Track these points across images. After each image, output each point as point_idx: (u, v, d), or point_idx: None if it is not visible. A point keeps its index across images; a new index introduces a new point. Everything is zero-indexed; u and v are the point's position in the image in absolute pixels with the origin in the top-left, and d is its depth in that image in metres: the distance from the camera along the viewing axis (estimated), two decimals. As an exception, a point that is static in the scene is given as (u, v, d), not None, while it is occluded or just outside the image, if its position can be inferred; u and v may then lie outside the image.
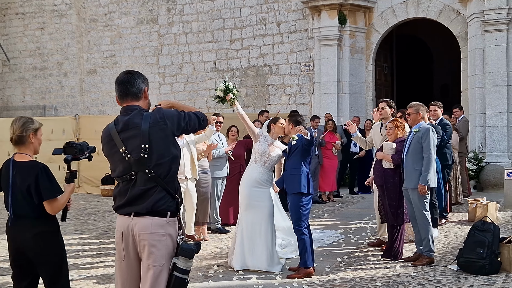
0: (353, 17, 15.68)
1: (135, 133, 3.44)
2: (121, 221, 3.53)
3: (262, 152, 6.67)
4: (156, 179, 3.42)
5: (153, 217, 3.42)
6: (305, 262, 6.24)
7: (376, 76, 16.26)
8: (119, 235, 3.52)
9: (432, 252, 6.76)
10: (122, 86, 3.58)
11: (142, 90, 3.60)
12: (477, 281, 5.92)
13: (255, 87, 17.19)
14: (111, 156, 3.56)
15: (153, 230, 3.41)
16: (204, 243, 8.26)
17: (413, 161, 6.78)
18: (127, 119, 3.49)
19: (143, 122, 3.44)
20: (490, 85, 13.47)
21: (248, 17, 17.23)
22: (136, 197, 3.44)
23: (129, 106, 3.56)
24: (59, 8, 20.55)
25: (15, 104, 21.41)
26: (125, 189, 3.49)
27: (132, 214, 3.46)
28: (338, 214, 10.62)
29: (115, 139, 3.49)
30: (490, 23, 13.41)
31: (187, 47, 18.24)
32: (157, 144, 3.43)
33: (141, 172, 3.43)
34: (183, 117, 3.55)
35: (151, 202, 3.41)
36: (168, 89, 18.59)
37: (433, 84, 23.12)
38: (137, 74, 3.63)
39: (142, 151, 3.41)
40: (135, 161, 3.43)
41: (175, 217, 3.50)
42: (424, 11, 15.09)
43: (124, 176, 3.47)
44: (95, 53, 19.84)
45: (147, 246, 3.40)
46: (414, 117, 6.99)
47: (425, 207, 6.75)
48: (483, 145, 13.64)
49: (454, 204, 10.59)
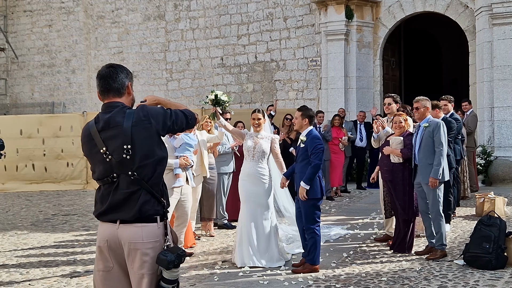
0: (360, 12, 15.62)
1: (117, 133, 3.19)
2: (106, 229, 3.26)
3: (248, 148, 6.84)
4: (140, 182, 3.18)
5: (143, 223, 3.19)
6: (312, 259, 6.23)
7: (383, 71, 16.20)
8: (104, 244, 3.24)
9: (444, 245, 6.78)
10: (103, 81, 3.32)
11: (125, 85, 3.35)
12: (483, 276, 5.90)
13: (262, 82, 17.18)
14: (91, 157, 3.31)
15: (145, 238, 3.18)
16: (211, 238, 8.29)
17: (425, 156, 6.76)
18: (108, 117, 3.24)
19: (125, 120, 3.19)
20: (499, 79, 13.38)
21: (255, 12, 17.21)
22: (119, 202, 3.19)
23: (110, 103, 3.31)
24: (66, 5, 20.62)
25: (23, 101, 21.53)
26: (107, 193, 3.24)
27: (117, 221, 3.21)
28: (346, 209, 10.61)
29: (95, 138, 3.24)
30: (498, 17, 13.31)
31: (194, 43, 18.25)
32: (140, 145, 3.19)
33: (123, 175, 3.19)
34: (169, 116, 3.31)
35: (137, 207, 3.17)
36: (175, 85, 18.62)
37: (442, 79, 22.99)
38: (120, 68, 3.37)
39: (124, 152, 3.16)
40: (116, 162, 3.18)
41: (163, 221, 3.27)
42: (432, 5, 15.00)
43: (106, 178, 3.22)
44: (103, 50, 19.90)
45: (140, 255, 3.17)
46: (422, 112, 6.96)
47: (440, 201, 6.74)
48: (491, 139, 13.56)
49: (462, 198, 10.54)
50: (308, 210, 6.23)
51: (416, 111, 7.02)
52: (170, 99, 3.85)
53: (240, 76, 17.55)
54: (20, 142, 14.70)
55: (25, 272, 6.51)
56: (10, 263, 6.99)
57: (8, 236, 8.75)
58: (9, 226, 9.63)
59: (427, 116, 6.95)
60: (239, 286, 5.83)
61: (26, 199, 13.05)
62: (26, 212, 11.16)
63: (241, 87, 17.50)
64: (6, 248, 7.88)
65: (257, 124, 6.92)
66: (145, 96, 3.55)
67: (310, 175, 6.14)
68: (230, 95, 7.38)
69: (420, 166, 6.85)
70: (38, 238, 8.55)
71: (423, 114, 6.96)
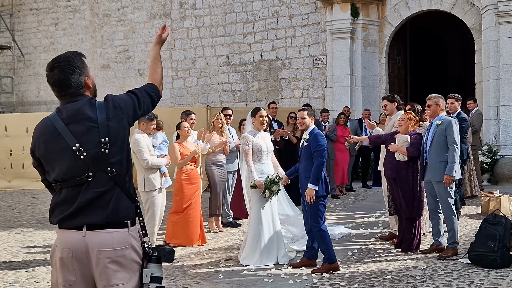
0: (365, 10, 15.59)
1: (90, 126, 2.87)
2: (69, 237, 2.88)
3: (261, 148, 6.85)
4: (117, 178, 2.90)
5: (114, 229, 2.88)
6: (329, 257, 6.16)
7: (389, 69, 16.15)
8: (68, 255, 2.87)
9: (456, 243, 6.77)
10: (58, 88, 2.96)
11: (82, 83, 2.98)
12: (488, 275, 5.89)
13: (267, 81, 17.17)
14: (53, 154, 2.91)
15: (117, 245, 2.86)
16: (216, 236, 8.31)
17: (437, 154, 6.73)
18: (76, 110, 2.90)
19: (98, 112, 2.89)
20: (505, 78, 13.31)
21: (260, 10, 17.20)
22: (88, 202, 2.85)
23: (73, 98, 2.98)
24: (72, 3, 20.66)
25: (29, 99, 21.60)
26: (72, 195, 2.87)
27: (84, 227, 2.86)
28: (350, 208, 10.60)
29: (63, 133, 2.87)
30: (505, 15, 13.24)
31: (200, 41, 18.26)
32: (116, 138, 2.91)
33: (100, 172, 2.87)
34: (137, 103, 3.05)
35: (109, 208, 2.87)
36: (181, 84, 18.64)
37: (447, 77, 22.93)
38: (68, 68, 2.94)
39: (102, 146, 2.86)
40: (93, 159, 2.85)
41: (135, 225, 2.97)
42: (438, 3, 14.95)
43: (76, 179, 2.87)
44: (109, 48, 19.94)
45: (110, 265, 2.85)
46: (434, 109, 6.91)
47: (451, 198, 6.73)
48: (497, 138, 13.52)
49: (469, 197, 10.52)
50: (313, 208, 6.22)
51: (428, 109, 6.99)
52: None
53: (245, 75, 17.55)
54: (26, 140, 14.53)
55: (30, 270, 6.55)
56: (16, 261, 7.03)
57: (14, 233, 8.79)
58: (15, 224, 9.67)
59: (439, 114, 6.90)
60: (244, 284, 5.85)
61: (32, 197, 13.11)
62: (32, 210, 11.21)
63: (247, 85, 17.50)
64: (12, 245, 7.93)
65: (264, 122, 6.93)
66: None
67: (317, 175, 6.12)
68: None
69: (430, 164, 6.81)
70: (44, 235, 8.58)
71: (435, 111, 6.92)
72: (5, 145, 14.87)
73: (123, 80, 19.43)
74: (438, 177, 6.72)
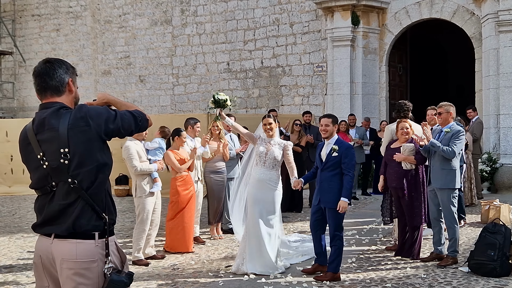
0: (366, 18, 15.66)
1: (52, 136, 2.83)
2: (40, 243, 2.92)
3: (260, 153, 6.71)
4: (79, 191, 2.81)
5: (78, 240, 2.81)
6: (336, 267, 6.16)
7: (389, 77, 16.21)
8: (38, 260, 2.92)
9: (456, 252, 6.77)
10: (40, 78, 2.95)
11: (65, 82, 2.96)
12: (488, 283, 5.90)
13: (268, 88, 17.22)
14: (28, 163, 2.96)
15: (79, 257, 2.79)
16: (216, 243, 8.31)
17: (440, 161, 6.72)
18: (42, 119, 2.88)
19: (60, 122, 2.82)
20: (505, 86, 13.37)
21: (261, 18, 17.26)
22: (54, 214, 2.84)
23: (47, 103, 2.95)
24: (74, 9, 20.74)
25: (31, 104, 21.62)
26: (43, 204, 2.89)
27: (52, 235, 2.85)
28: (350, 215, 10.58)
29: (32, 142, 2.89)
30: (505, 24, 13.31)
31: (201, 48, 18.32)
32: (77, 149, 2.81)
33: (62, 183, 2.82)
34: (113, 118, 2.92)
35: (70, 220, 2.80)
36: (181, 90, 18.69)
37: (448, 85, 22.97)
38: (58, 63, 3.00)
39: (61, 157, 2.80)
40: (53, 169, 2.82)
41: (103, 239, 2.87)
42: (438, 12, 15.02)
43: (44, 187, 2.88)
44: (110, 54, 20.00)
45: (73, 276, 2.79)
46: (445, 117, 6.89)
47: (454, 207, 6.73)
48: (497, 146, 13.54)
49: (468, 205, 10.52)
50: (336, 217, 6.16)
51: (439, 116, 6.98)
52: (128, 101, 3.35)
53: (246, 82, 17.60)
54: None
55: (31, 275, 6.54)
56: (16, 266, 7.03)
57: (14, 239, 8.80)
58: (16, 229, 9.68)
59: (450, 122, 6.90)
60: (244, 291, 5.85)
61: (33, 202, 13.00)
62: (33, 215, 11.20)
63: (247, 92, 17.54)
64: (13, 250, 7.93)
65: (269, 129, 6.79)
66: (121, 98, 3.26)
67: (350, 188, 6.11)
68: (233, 97, 7.41)
69: (433, 171, 6.82)
70: (44, 241, 8.57)
71: (446, 119, 6.90)
72: (5, 150, 14.87)
73: (124, 86, 19.49)
74: (439, 184, 6.72)
